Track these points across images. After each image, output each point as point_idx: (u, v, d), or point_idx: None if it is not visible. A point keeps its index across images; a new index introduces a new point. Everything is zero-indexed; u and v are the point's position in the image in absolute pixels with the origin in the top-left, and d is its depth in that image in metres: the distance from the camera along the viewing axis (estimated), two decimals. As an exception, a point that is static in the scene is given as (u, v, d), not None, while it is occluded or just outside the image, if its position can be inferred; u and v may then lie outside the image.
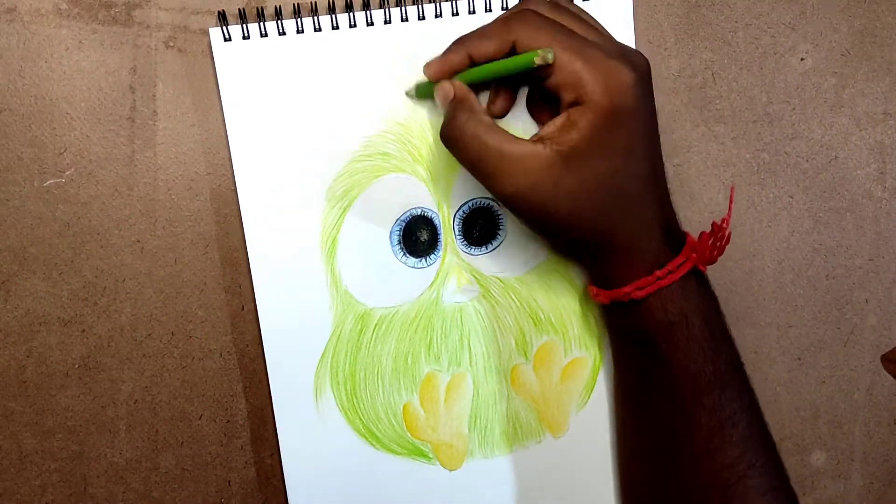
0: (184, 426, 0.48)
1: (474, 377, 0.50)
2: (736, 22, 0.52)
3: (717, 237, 0.43)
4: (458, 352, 0.50)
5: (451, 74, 0.44)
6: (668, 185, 0.51)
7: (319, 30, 0.47)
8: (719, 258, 0.44)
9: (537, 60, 0.39)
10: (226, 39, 0.46)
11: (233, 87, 0.46)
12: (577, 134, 0.40)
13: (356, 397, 0.49)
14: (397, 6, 0.47)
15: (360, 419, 0.49)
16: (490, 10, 0.48)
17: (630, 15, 0.50)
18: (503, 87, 0.47)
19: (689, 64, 0.52)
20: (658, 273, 0.42)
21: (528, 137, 0.42)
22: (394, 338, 0.49)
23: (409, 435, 0.49)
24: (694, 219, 0.52)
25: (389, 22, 0.47)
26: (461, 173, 0.49)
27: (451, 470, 0.50)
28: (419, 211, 0.48)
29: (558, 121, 0.41)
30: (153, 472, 0.48)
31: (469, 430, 0.50)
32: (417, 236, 0.49)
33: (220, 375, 0.48)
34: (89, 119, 0.46)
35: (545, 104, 0.47)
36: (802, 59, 0.53)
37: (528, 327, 0.50)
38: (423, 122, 0.48)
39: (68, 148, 0.46)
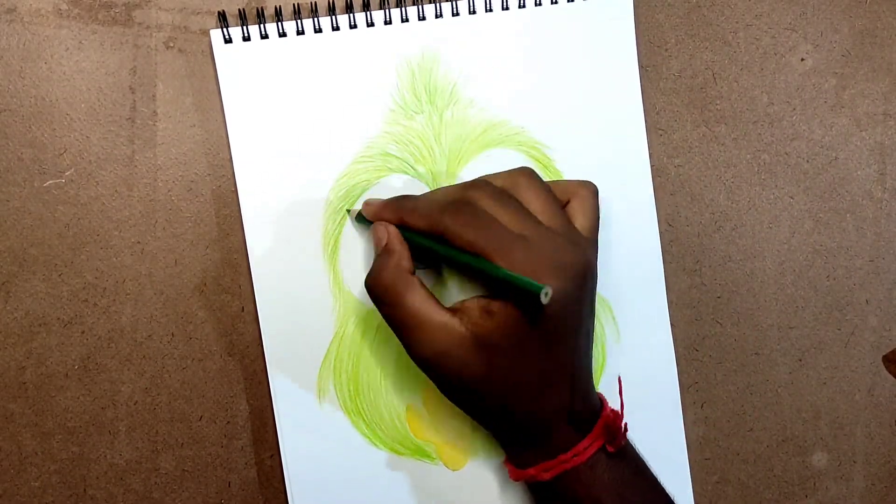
0: (184, 427, 0.48)
1: (477, 377, 0.50)
2: (736, 22, 0.52)
3: (616, 426, 0.43)
4: (460, 352, 0.50)
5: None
6: (670, 187, 0.51)
7: (320, 31, 0.47)
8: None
9: (543, 299, 0.37)
10: (226, 41, 0.46)
11: (234, 88, 0.46)
12: (491, 324, 0.40)
13: (359, 398, 0.49)
14: (397, 7, 0.47)
15: (364, 420, 0.49)
16: (490, 10, 0.48)
17: (630, 15, 0.50)
18: None
19: (689, 64, 0.52)
20: (562, 457, 0.42)
21: None
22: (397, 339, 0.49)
23: (412, 435, 0.49)
24: (694, 219, 0.52)
25: (390, 23, 0.47)
26: (463, 174, 0.48)
27: (454, 470, 0.50)
28: (421, 211, 0.48)
29: (481, 302, 0.41)
30: (153, 473, 0.48)
31: (472, 430, 0.50)
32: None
33: (220, 376, 0.48)
34: (89, 120, 0.46)
35: None
36: (803, 60, 0.53)
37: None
38: (424, 123, 0.48)
39: (68, 149, 0.46)
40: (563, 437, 0.43)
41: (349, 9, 0.47)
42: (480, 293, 0.43)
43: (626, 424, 0.43)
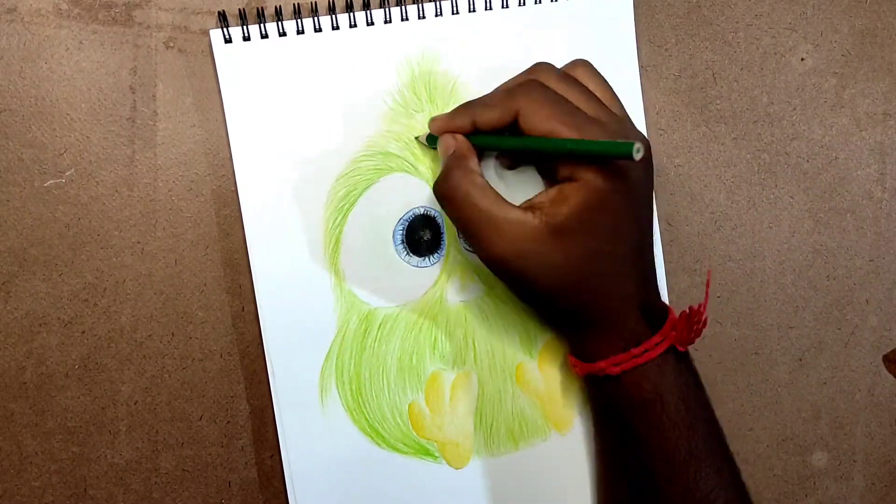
0: (184, 427, 0.48)
1: (479, 375, 0.50)
2: (737, 22, 0.52)
3: (694, 321, 0.42)
4: (462, 350, 0.50)
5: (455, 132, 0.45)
6: (670, 187, 0.52)
7: (320, 30, 0.47)
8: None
9: (635, 155, 0.36)
10: (226, 41, 0.46)
11: (234, 88, 0.46)
12: (566, 209, 0.40)
13: (361, 397, 0.49)
14: (397, 6, 0.47)
15: (366, 419, 0.49)
16: (490, 9, 0.48)
17: (630, 15, 0.50)
18: None
19: (689, 64, 0.52)
20: (634, 351, 0.42)
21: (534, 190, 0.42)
22: (398, 337, 0.49)
23: (414, 434, 0.49)
24: (694, 219, 0.52)
25: (389, 21, 0.47)
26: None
27: (457, 468, 0.50)
28: (422, 210, 0.48)
29: (552, 192, 0.41)
30: (153, 473, 0.48)
31: (475, 428, 0.50)
32: (420, 235, 0.49)
33: (220, 376, 0.48)
34: (89, 120, 0.46)
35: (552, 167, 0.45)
36: (803, 60, 0.53)
37: (531, 324, 0.50)
38: (424, 123, 0.48)
39: (68, 149, 0.46)
40: (636, 331, 0.43)
41: (349, 8, 0.47)
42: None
43: (706, 319, 0.42)
